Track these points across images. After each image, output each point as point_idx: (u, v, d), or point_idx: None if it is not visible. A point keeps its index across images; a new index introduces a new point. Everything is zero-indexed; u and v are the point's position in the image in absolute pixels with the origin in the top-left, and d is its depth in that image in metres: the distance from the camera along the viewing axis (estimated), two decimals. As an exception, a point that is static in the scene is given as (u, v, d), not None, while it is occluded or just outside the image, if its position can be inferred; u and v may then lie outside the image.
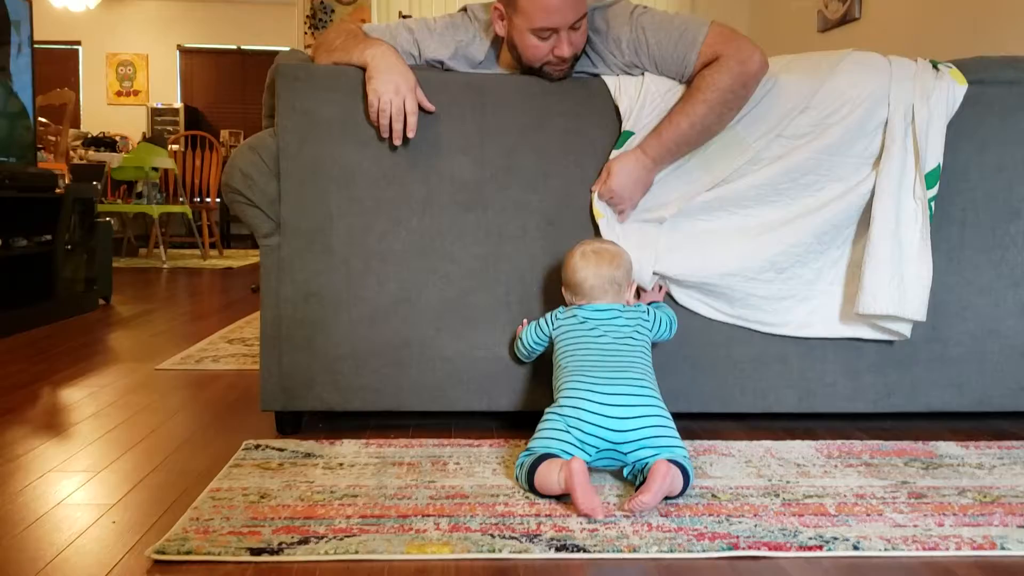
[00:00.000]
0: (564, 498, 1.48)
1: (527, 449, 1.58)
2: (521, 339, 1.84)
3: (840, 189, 1.88)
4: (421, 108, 1.79)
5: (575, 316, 1.75)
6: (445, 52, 1.92)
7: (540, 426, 1.60)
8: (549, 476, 1.47)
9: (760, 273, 1.89)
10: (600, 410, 1.54)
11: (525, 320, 1.88)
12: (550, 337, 1.79)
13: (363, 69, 1.80)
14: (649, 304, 1.85)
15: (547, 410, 1.62)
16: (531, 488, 1.51)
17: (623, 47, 1.85)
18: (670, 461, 1.46)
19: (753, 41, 1.80)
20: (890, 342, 1.96)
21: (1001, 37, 3.63)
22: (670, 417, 1.58)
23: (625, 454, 1.53)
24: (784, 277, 1.90)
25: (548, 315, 1.81)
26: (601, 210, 1.86)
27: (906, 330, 1.91)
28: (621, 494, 1.53)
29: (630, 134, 1.85)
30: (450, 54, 1.92)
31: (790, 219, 1.88)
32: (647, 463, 1.50)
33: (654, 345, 1.80)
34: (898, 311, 1.85)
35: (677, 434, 1.56)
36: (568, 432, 1.54)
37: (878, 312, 1.85)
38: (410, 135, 1.78)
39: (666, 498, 1.48)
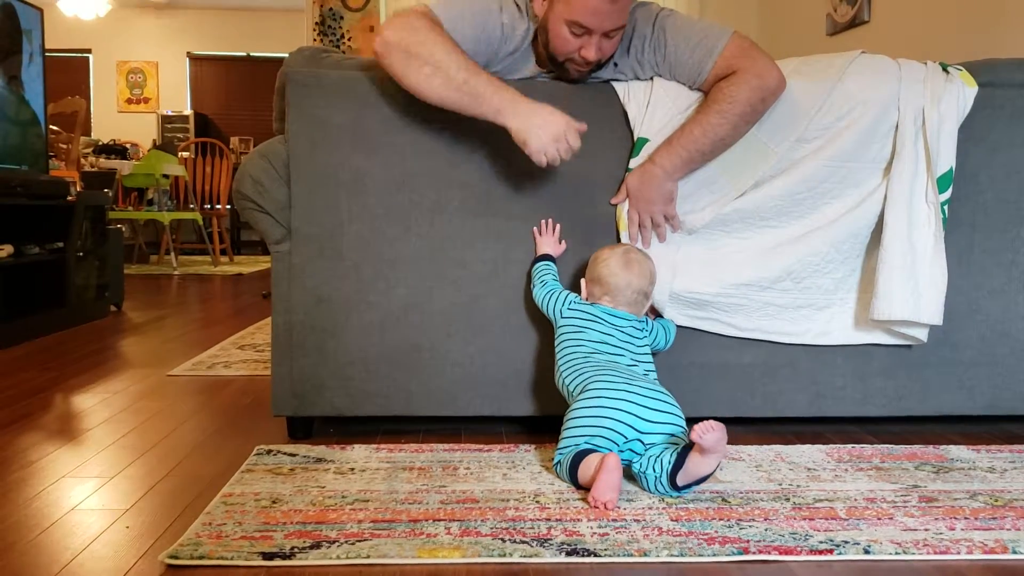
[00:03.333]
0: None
1: (561, 444, 1.61)
2: (535, 286, 1.85)
3: (856, 197, 1.87)
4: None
5: (590, 313, 1.77)
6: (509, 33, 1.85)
7: (571, 421, 1.62)
8: (589, 469, 1.52)
9: (776, 282, 1.88)
10: (635, 399, 1.59)
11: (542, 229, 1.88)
12: (554, 314, 1.80)
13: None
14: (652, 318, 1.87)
15: (582, 397, 1.63)
16: (573, 481, 1.57)
17: (645, 45, 1.85)
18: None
19: (771, 57, 1.80)
20: (901, 346, 1.95)
21: (1011, 40, 3.62)
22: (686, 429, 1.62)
23: (645, 445, 1.58)
24: (802, 287, 1.89)
25: (563, 296, 1.80)
26: (627, 222, 1.86)
27: (923, 335, 1.90)
28: (631, 499, 1.53)
29: (645, 141, 1.85)
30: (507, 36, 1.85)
31: (809, 230, 1.88)
32: (663, 452, 1.53)
33: (654, 353, 1.83)
34: (913, 316, 1.84)
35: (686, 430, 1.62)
36: (600, 419, 1.58)
37: (893, 318, 1.85)
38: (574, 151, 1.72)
39: (682, 488, 1.51)
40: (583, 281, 1.82)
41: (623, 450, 1.58)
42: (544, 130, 1.68)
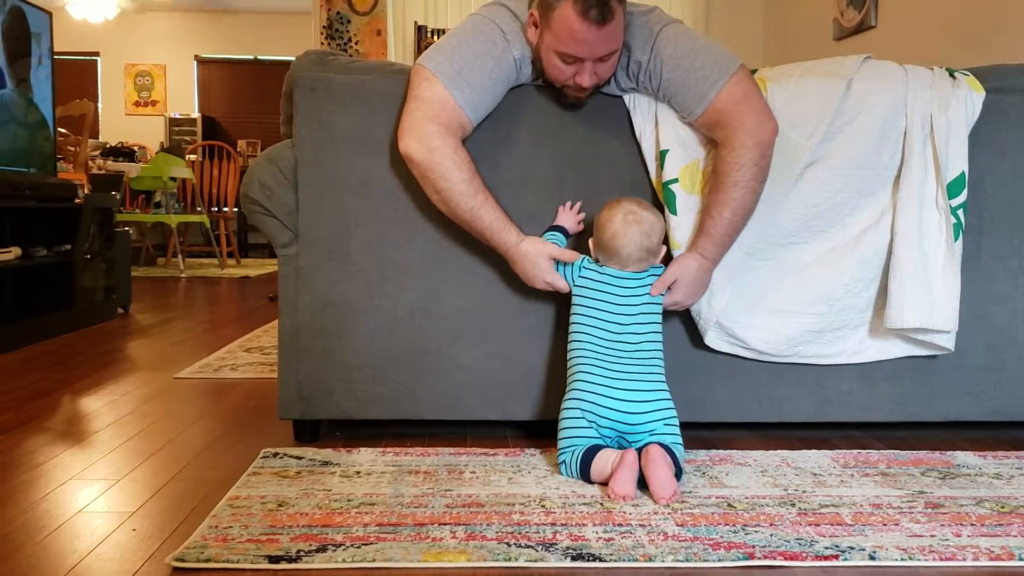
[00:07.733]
0: (595, 502, 1.52)
1: (562, 444, 1.68)
2: None
3: (875, 209, 1.87)
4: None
5: (597, 279, 1.77)
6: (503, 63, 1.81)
7: (565, 420, 1.70)
8: (606, 466, 1.59)
9: (811, 306, 1.88)
10: (615, 405, 1.67)
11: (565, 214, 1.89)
12: (569, 280, 1.80)
13: None
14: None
15: (567, 398, 1.72)
16: (584, 477, 1.63)
17: (640, 72, 1.81)
18: (659, 445, 1.61)
19: (765, 103, 1.77)
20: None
21: (1017, 45, 3.61)
22: (673, 404, 1.71)
23: (632, 441, 1.67)
24: (836, 309, 1.89)
25: (573, 264, 1.79)
26: (679, 241, 1.83)
27: (950, 343, 1.89)
28: (637, 504, 1.53)
29: (667, 151, 1.83)
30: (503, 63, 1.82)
31: (835, 246, 1.88)
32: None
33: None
34: (927, 323, 1.84)
35: (677, 422, 1.70)
36: (584, 420, 1.67)
37: (906, 325, 1.84)
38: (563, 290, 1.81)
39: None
40: (591, 242, 1.82)
41: (614, 446, 1.68)
42: (525, 277, 1.82)
